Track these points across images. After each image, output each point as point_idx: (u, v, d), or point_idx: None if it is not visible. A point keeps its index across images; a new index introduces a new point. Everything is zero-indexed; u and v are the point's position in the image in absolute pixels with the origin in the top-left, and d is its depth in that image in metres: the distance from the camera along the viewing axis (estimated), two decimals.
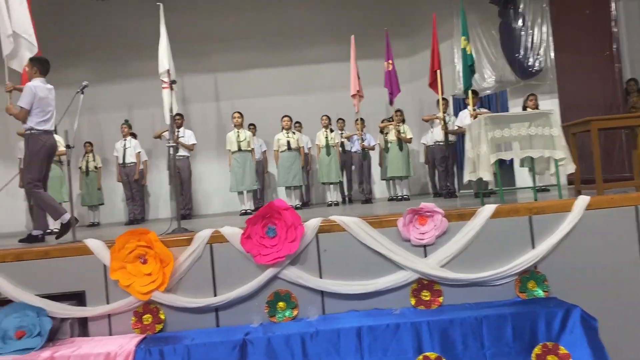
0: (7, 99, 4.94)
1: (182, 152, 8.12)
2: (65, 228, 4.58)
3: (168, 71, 8.03)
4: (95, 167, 9.32)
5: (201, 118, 10.41)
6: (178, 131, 8.12)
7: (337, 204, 8.70)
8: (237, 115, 7.86)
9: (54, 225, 6.99)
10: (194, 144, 8.24)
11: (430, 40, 7.86)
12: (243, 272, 3.36)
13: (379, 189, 10.28)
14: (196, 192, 9.93)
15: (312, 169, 9.75)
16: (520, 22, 8.78)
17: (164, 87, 8.20)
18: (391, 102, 8.61)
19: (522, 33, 8.74)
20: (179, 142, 8.02)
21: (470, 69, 7.12)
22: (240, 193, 7.84)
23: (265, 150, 9.62)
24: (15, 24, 4.96)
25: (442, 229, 3.38)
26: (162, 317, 3.31)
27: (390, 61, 8.49)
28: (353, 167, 9.34)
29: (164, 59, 8.04)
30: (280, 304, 3.34)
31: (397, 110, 8.33)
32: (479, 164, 4.41)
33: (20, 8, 5.04)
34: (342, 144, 9.01)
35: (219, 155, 10.35)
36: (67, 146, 4.57)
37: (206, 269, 3.38)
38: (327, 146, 8.53)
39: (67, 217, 4.61)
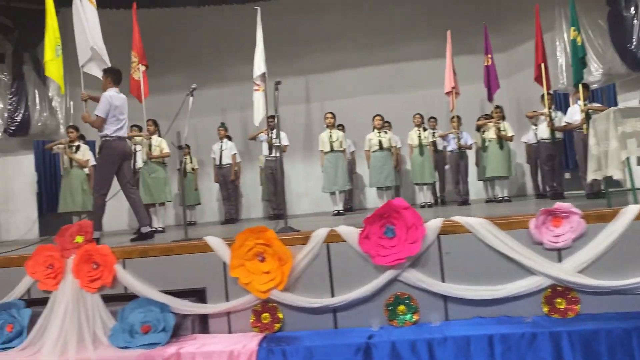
0: (83, 108, 5.27)
1: (275, 153, 8.19)
2: (143, 237, 4.89)
3: (264, 74, 8.22)
4: (192, 169, 9.68)
5: (291, 120, 10.49)
6: (271, 133, 8.22)
7: (430, 206, 8.43)
8: (329, 115, 7.82)
9: (159, 223, 7.34)
10: (287, 145, 8.30)
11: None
12: (361, 272, 3.26)
13: (473, 189, 9.87)
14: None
15: (402, 169, 9.54)
16: (632, 10, 8.06)
17: (256, 90, 8.38)
18: (490, 99, 8.22)
19: (635, 22, 8.01)
20: (272, 143, 8.11)
21: (581, 61, 6.61)
22: (333, 193, 7.79)
23: (353, 151, 9.53)
24: (93, 37, 5.41)
25: (580, 231, 3.09)
26: (280, 316, 3.28)
27: (489, 55, 8.11)
28: (446, 167, 9.01)
29: (260, 62, 8.21)
30: (401, 307, 3.20)
31: (497, 107, 7.93)
32: (606, 162, 4.03)
33: (94, 22, 5.52)
34: (434, 143, 8.72)
35: (307, 157, 10.41)
36: (179, 147, 4.73)
37: (323, 268, 3.31)
38: (420, 145, 8.29)
39: (148, 229, 4.97)
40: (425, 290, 3.18)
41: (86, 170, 7.31)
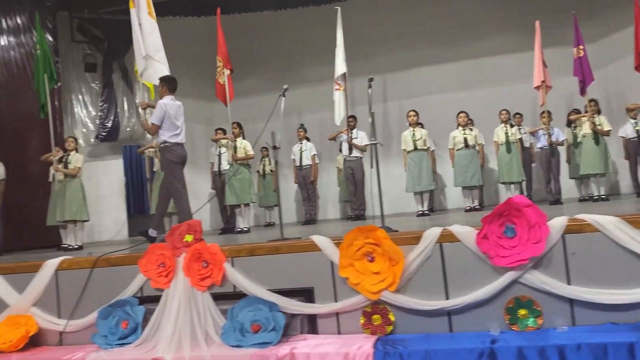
0: (142, 115, 5.45)
1: (355, 153, 8.12)
2: (146, 236, 4.98)
3: (344, 74, 8.18)
4: (271, 170, 9.78)
5: (368, 120, 10.39)
6: (351, 133, 8.15)
7: None
8: (412, 113, 7.65)
9: (244, 224, 7.44)
10: (367, 145, 8.20)
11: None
12: (477, 274, 3.10)
13: (563, 188, 9.34)
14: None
15: (485, 167, 9.18)
16: None
17: (336, 89, 8.34)
18: (582, 92, 7.74)
19: None
20: (352, 143, 8.04)
21: None
22: (417, 194, 7.61)
23: (433, 150, 9.27)
24: (149, 48, 5.52)
25: None
26: (392, 318, 3.17)
27: (581, 47, 7.62)
28: (533, 165, 8.59)
29: (341, 62, 8.17)
30: (522, 311, 3.00)
31: (592, 100, 7.44)
32: None
33: (154, 33, 5.64)
34: (521, 140, 8.31)
35: (385, 157, 10.24)
36: (274, 147, 4.74)
37: (436, 269, 3.17)
38: (507, 143, 7.91)
39: (155, 234, 5.00)
40: (549, 293, 2.98)
41: None
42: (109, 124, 9.54)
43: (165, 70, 5.49)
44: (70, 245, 6.96)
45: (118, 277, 3.69)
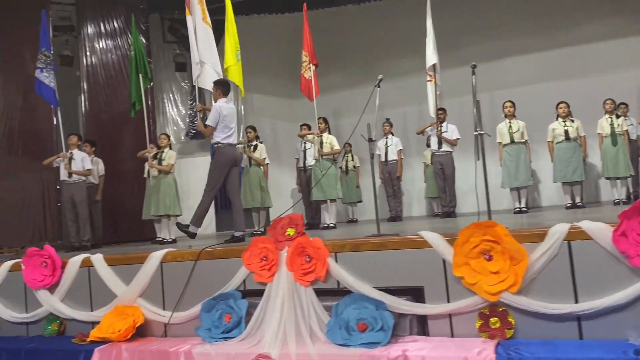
0: (198, 118, 5.54)
1: (445, 148, 7.79)
2: (185, 230, 5.22)
3: (434, 65, 7.87)
4: (354, 166, 9.65)
5: (457, 112, 9.98)
6: (441, 126, 7.83)
7: (625, 202, 7.37)
8: (508, 104, 7.23)
9: (330, 220, 7.35)
10: (457, 139, 7.85)
11: None
12: (612, 275, 2.77)
13: None
14: None
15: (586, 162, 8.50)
16: None
17: (428, 81, 8.04)
18: None
19: None
20: (442, 137, 7.72)
21: None
22: (513, 189, 7.17)
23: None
24: (203, 54, 5.80)
25: None
26: (512, 321, 2.91)
27: None
28: None
29: (432, 52, 7.87)
30: None
31: None
32: None
33: (207, 40, 5.96)
34: (627, 132, 7.61)
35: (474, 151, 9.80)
36: (370, 139, 4.58)
37: (564, 269, 2.87)
38: (613, 135, 7.27)
39: (195, 231, 5.27)
40: None
41: (262, 168, 7.58)
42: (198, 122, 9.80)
43: (216, 75, 5.77)
44: (164, 239, 7.19)
45: (221, 270, 3.68)
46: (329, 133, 7.61)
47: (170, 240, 7.12)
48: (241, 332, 3.42)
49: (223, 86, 5.43)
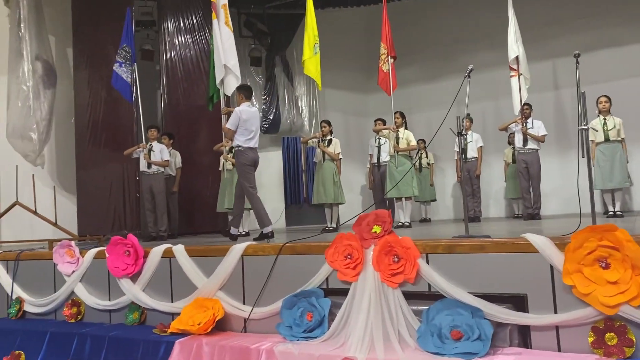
0: (223, 121, 5.86)
1: (531, 145, 7.32)
2: (263, 237, 5.03)
3: (517, 58, 7.42)
4: (428, 164, 9.33)
5: (538, 108, 9.42)
6: (526, 122, 7.36)
7: None
8: (603, 99, 6.68)
9: (405, 218, 7.10)
10: (544, 135, 7.36)
11: None
12: None
13: None
14: None
15: None
16: None
17: (512, 76, 7.59)
18: None
19: None
20: (527, 133, 7.26)
21: None
22: (606, 191, 6.61)
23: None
24: (225, 57, 5.85)
25: None
26: (633, 339, 2.57)
27: None
28: None
29: (514, 44, 7.44)
30: None
31: None
32: None
33: (229, 42, 5.93)
34: None
35: (559, 150, 9.19)
36: (459, 133, 4.31)
37: None
38: None
39: (269, 228, 5.20)
40: None
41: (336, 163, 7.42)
42: (271, 117, 9.82)
43: (235, 80, 5.91)
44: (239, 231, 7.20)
45: (302, 266, 3.54)
46: (406, 128, 7.34)
47: (243, 233, 7.12)
48: (324, 332, 3.27)
49: (246, 90, 5.61)
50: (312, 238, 4.22)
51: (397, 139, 7.13)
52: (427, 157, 9.36)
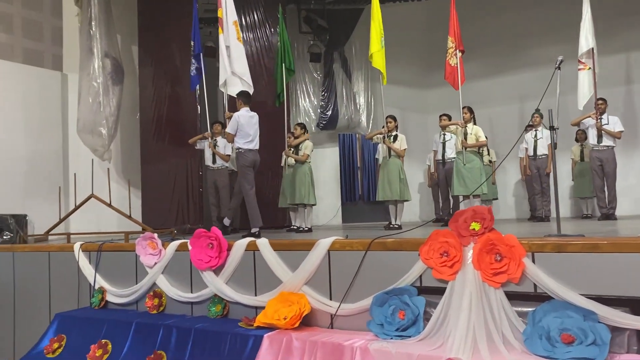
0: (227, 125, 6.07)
1: (606, 142, 7.00)
2: (250, 235, 5.27)
3: (592, 50, 7.11)
4: (490, 161, 9.07)
5: (613, 104, 9.02)
6: (601, 118, 7.04)
7: None
8: None
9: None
10: (621, 132, 7.03)
11: None
12: None
13: None
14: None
15: None
16: None
17: (580, 69, 7.29)
18: None
19: None
20: (603, 129, 6.94)
21: None
22: None
23: None
24: (234, 66, 6.35)
25: None
26: None
27: None
28: None
29: (588, 35, 7.14)
30: None
31: None
32: None
33: (241, 57, 6.48)
34: None
35: (630, 147, 8.78)
36: (552, 127, 4.14)
37: None
38: None
39: (256, 229, 5.66)
40: None
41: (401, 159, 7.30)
42: (329, 113, 9.79)
43: (242, 85, 6.36)
44: (300, 227, 7.20)
45: (393, 263, 3.46)
46: (474, 123, 7.14)
47: (306, 229, 7.11)
48: (419, 331, 3.18)
49: (245, 97, 6.07)
50: (403, 234, 4.12)
51: (465, 134, 6.94)
52: (489, 154, 9.10)
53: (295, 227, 7.43)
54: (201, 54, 7.22)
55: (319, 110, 9.84)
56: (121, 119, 8.41)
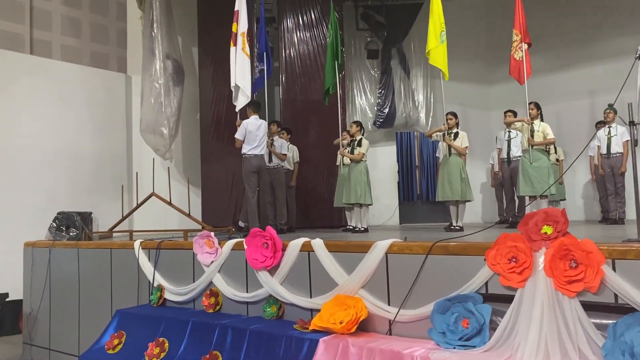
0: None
1: None
2: (239, 229, 6.20)
3: None
4: (557, 160, 8.57)
5: None
6: None
7: None
8: None
9: None
10: None
11: None
12: None
13: None
14: None
15: None
16: None
17: None
18: None
19: None
20: None
21: None
22: None
23: None
24: (238, 78, 6.46)
25: None
26: None
27: None
28: None
29: None
30: None
31: None
32: None
33: (243, 67, 6.54)
34: None
35: None
36: (631, 122, 3.78)
37: None
38: None
39: (243, 224, 6.44)
40: None
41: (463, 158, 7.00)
42: (386, 111, 9.58)
43: (246, 100, 6.49)
44: (355, 227, 7.05)
45: (456, 268, 3.26)
46: (542, 120, 6.74)
47: (362, 229, 6.96)
48: (484, 341, 2.97)
49: (254, 105, 6.48)
50: (466, 237, 3.90)
51: (532, 131, 6.56)
52: (555, 152, 8.59)
53: (350, 227, 7.30)
54: (265, 54, 7.24)
55: (375, 108, 9.66)
56: (182, 119, 8.59)
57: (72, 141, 8.16)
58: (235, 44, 6.67)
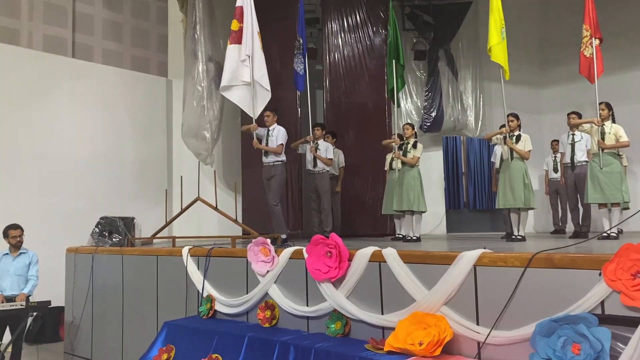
0: (254, 137, 6.28)
1: None
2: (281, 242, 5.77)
3: None
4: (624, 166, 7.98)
5: None
6: None
7: None
8: None
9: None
10: None
11: None
12: None
13: None
14: None
15: None
16: None
17: None
18: None
19: None
20: None
21: None
22: None
23: None
24: (257, 74, 6.32)
25: None
26: None
27: None
28: None
29: None
30: None
31: None
32: None
33: (260, 60, 6.41)
34: None
35: None
36: None
37: None
38: None
39: (284, 236, 6.08)
40: None
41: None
42: (433, 114, 9.16)
43: (268, 97, 6.38)
44: (407, 236, 6.65)
45: (562, 283, 2.83)
46: (613, 121, 6.22)
47: (414, 238, 6.55)
48: None
49: (276, 113, 6.47)
50: (571, 247, 3.44)
51: (603, 134, 6.05)
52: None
53: (401, 236, 6.90)
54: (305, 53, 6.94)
55: (422, 111, 9.24)
56: (223, 123, 8.33)
57: (113, 145, 7.99)
58: (234, 42, 6.39)
